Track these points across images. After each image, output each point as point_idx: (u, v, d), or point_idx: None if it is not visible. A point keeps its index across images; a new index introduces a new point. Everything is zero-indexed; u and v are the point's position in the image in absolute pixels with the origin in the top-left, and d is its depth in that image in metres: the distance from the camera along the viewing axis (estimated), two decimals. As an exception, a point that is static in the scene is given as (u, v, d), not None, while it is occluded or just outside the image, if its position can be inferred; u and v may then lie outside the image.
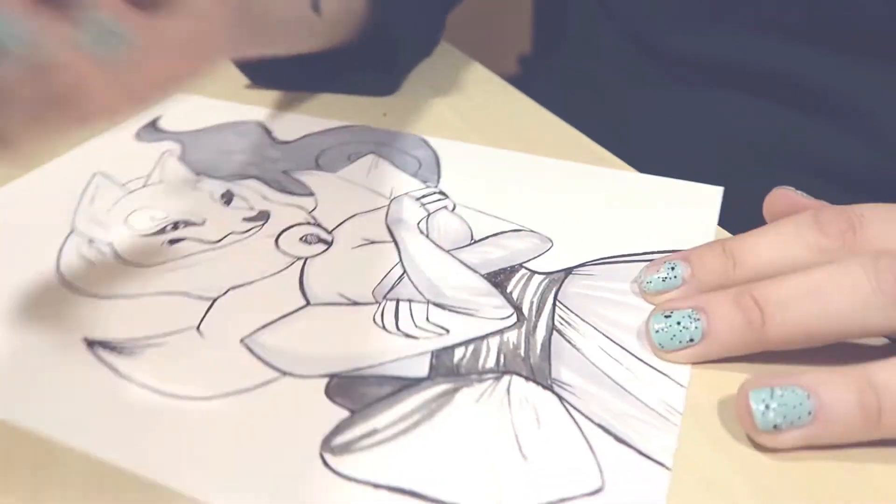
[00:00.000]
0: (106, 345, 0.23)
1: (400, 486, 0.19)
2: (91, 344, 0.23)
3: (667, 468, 0.19)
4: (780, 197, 0.25)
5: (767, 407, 0.19)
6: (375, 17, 0.37)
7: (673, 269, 0.24)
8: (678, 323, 0.22)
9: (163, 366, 0.22)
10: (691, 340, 0.22)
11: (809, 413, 0.19)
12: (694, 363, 0.22)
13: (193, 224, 0.29)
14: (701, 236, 0.28)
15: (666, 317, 0.22)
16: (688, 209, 0.30)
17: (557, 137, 0.35)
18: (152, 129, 0.37)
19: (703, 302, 0.22)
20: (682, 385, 0.22)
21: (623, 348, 0.23)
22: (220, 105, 0.39)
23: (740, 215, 0.27)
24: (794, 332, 0.21)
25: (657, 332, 0.22)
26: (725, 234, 0.29)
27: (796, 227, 0.23)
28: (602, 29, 0.42)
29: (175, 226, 0.29)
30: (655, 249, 0.28)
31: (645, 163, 0.32)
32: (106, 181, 0.32)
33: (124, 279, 0.26)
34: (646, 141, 0.35)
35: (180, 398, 0.21)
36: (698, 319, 0.22)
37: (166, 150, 0.35)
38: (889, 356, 0.19)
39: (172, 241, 0.28)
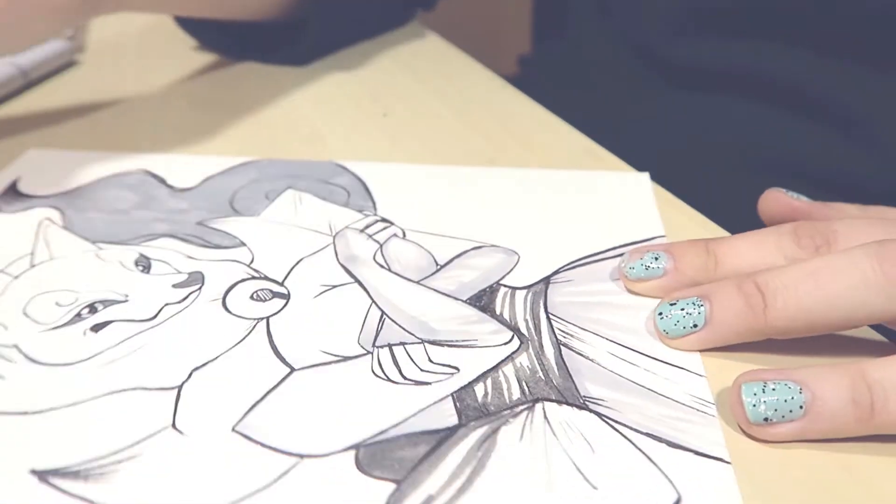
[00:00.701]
0: (63, 473, 0.19)
1: (476, 551, 0.17)
2: (43, 476, 0.19)
3: (727, 462, 0.19)
4: (773, 199, 0.26)
5: (759, 400, 0.19)
6: None
7: (656, 259, 0.24)
8: (682, 309, 0.22)
9: (147, 483, 0.19)
10: (695, 326, 0.22)
11: (801, 407, 0.19)
12: (700, 349, 0.23)
13: (115, 302, 0.25)
14: (649, 225, 0.29)
15: (671, 304, 0.23)
16: (627, 198, 0.31)
17: (557, 137, 0.35)
18: (14, 196, 0.31)
19: (706, 290, 0.22)
20: (700, 375, 0.22)
21: (632, 350, 0.23)
22: (91, 156, 0.34)
23: (738, 219, 0.27)
24: (796, 316, 0.21)
25: (661, 318, 0.23)
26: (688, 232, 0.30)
27: (777, 236, 0.23)
28: (599, 32, 0.42)
29: (92, 308, 0.25)
30: (617, 244, 0.28)
31: (644, 164, 0.33)
32: (-23, 268, 0.26)
33: (54, 386, 0.21)
34: (644, 142, 0.35)
35: (190, 517, 0.18)
36: (702, 305, 0.22)
37: (43, 220, 0.29)
38: (885, 355, 0.20)
39: (96, 328, 0.24)
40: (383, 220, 0.30)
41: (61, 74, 0.42)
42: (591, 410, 0.21)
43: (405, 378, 0.22)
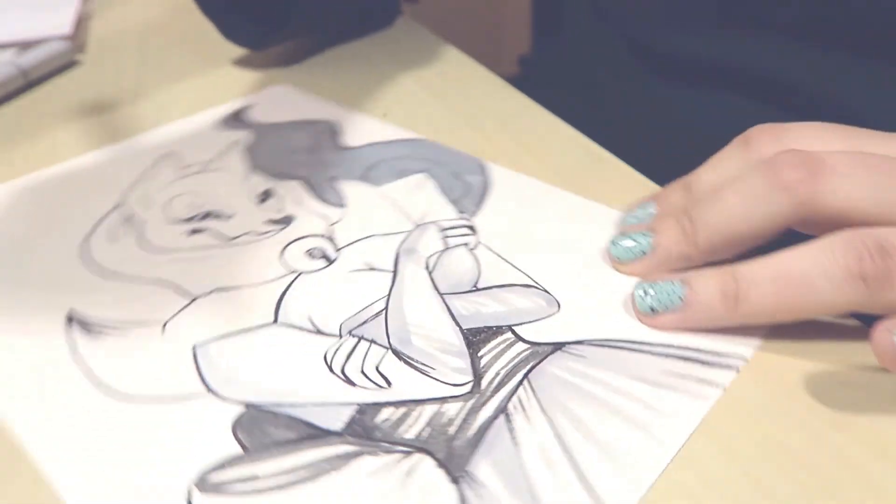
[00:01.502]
0: (79, 321, 0.24)
1: (255, 544, 0.18)
2: (71, 318, 0.25)
3: None
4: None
5: (645, 293, 0.24)
6: None
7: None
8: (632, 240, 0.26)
9: (114, 355, 0.23)
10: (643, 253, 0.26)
11: (681, 299, 0.23)
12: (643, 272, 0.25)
13: (223, 216, 0.30)
14: (738, 342, 0.23)
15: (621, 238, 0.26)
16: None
17: (557, 138, 0.34)
18: (236, 119, 0.38)
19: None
20: (614, 521, 0.18)
21: (569, 457, 0.20)
22: (312, 101, 0.40)
23: None
24: (714, 233, 0.24)
25: (613, 245, 0.26)
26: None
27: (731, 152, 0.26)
28: (596, 30, 0.42)
29: (205, 216, 0.30)
30: (672, 343, 0.23)
31: (644, 163, 0.32)
32: (170, 161, 0.34)
33: (134, 261, 0.27)
34: (643, 141, 0.35)
35: (107, 392, 0.22)
36: (647, 236, 0.26)
37: (237, 140, 0.36)
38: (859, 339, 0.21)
39: (194, 231, 0.29)
40: (470, 227, 0.29)
41: (61, 74, 0.42)
42: (458, 488, 0.19)
43: (342, 372, 0.22)
